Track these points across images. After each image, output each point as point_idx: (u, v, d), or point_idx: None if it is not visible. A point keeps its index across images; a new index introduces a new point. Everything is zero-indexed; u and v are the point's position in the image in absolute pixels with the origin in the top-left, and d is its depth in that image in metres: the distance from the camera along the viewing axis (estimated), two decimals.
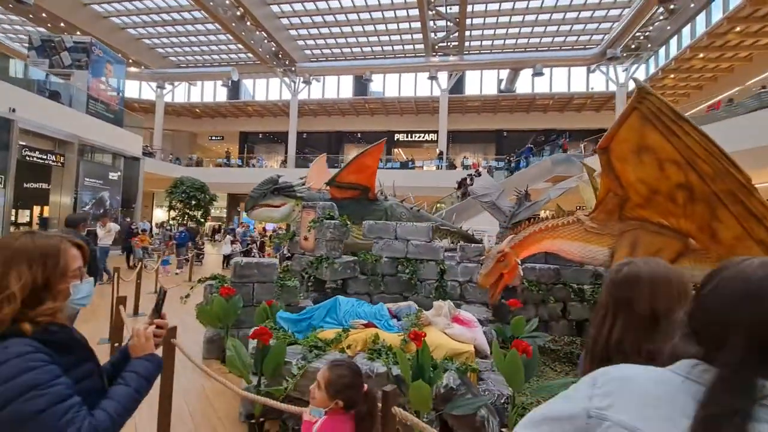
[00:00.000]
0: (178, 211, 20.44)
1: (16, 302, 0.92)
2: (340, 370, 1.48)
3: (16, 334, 0.91)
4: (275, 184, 6.35)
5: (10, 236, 1.03)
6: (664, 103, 3.59)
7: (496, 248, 4.72)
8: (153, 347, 1.14)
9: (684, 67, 19.71)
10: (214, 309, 3.94)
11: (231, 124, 29.34)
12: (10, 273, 0.95)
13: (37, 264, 0.98)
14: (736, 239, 3.56)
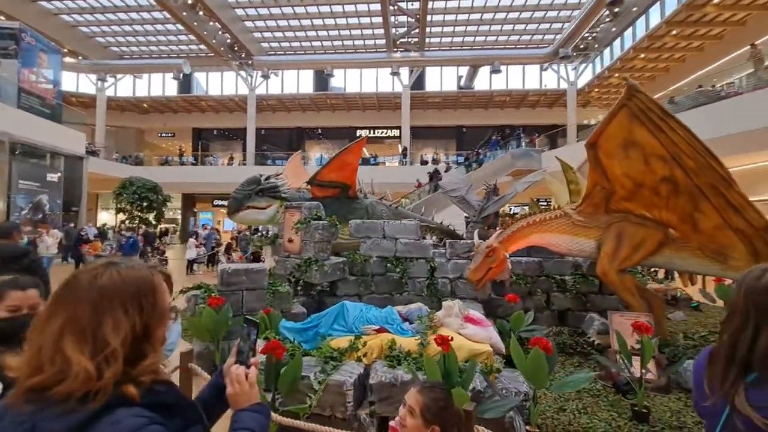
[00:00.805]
0: (127, 214, 19.03)
1: (118, 361, 0.73)
2: (434, 393, 1.36)
3: (123, 402, 0.71)
4: (259, 185, 6.02)
5: (87, 272, 0.80)
6: (652, 100, 3.76)
7: (485, 243, 4.76)
8: (258, 395, 0.96)
9: (627, 66, 21.12)
10: (204, 321, 3.64)
11: (183, 119, 27.68)
12: (105, 323, 0.74)
13: (133, 307, 0.78)
14: (716, 228, 3.82)
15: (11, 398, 0.72)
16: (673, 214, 4.06)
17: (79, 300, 0.76)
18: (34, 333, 0.76)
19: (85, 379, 0.69)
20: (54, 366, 0.71)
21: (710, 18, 16.46)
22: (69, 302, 0.76)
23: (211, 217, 26.42)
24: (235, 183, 24.87)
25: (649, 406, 3.04)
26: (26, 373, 0.72)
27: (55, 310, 0.76)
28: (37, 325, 0.76)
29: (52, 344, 0.72)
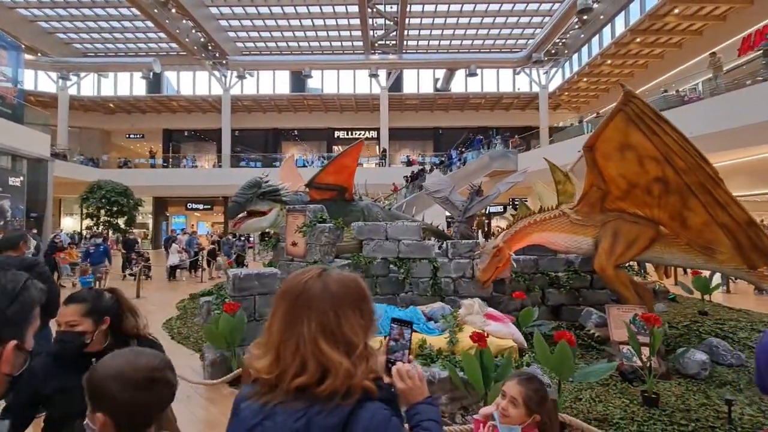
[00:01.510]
0: (94, 220, 18.10)
1: (367, 360, 0.79)
2: (534, 383, 1.45)
3: (369, 397, 0.77)
4: (260, 188, 5.92)
5: (310, 278, 0.83)
6: (647, 105, 4.03)
7: (491, 243, 4.92)
8: (427, 389, 1.01)
9: (595, 72, 22.14)
10: (221, 328, 3.58)
11: (152, 120, 26.62)
12: (345, 326, 0.80)
13: (361, 310, 0.84)
14: (704, 224, 4.13)
15: (277, 396, 0.76)
16: (664, 212, 4.36)
17: (321, 306, 0.80)
18: (271, 338, 0.80)
19: (346, 377, 0.75)
20: (314, 366, 0.76)
21: (670, 27, 17.54)
22: (311, 308, 0.80)
23: (184, 221, 25.55)
24: (209, 186, 24.45)
25: (657, 392, 3.26)
26: (271, 372, 0.77)
27: (297, 315, 0.80)
28: (275, 331, 0.80)
29: (310, 347, 0.77)
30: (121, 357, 0.91)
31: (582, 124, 21.67)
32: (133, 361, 0.89)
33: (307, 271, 0.88)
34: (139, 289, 8.45)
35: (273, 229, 6.34)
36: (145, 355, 0.93)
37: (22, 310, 0.73)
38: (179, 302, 7.65)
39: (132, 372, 0.86)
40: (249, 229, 6.33)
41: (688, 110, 11.88)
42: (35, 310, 0.78)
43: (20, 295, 0.73)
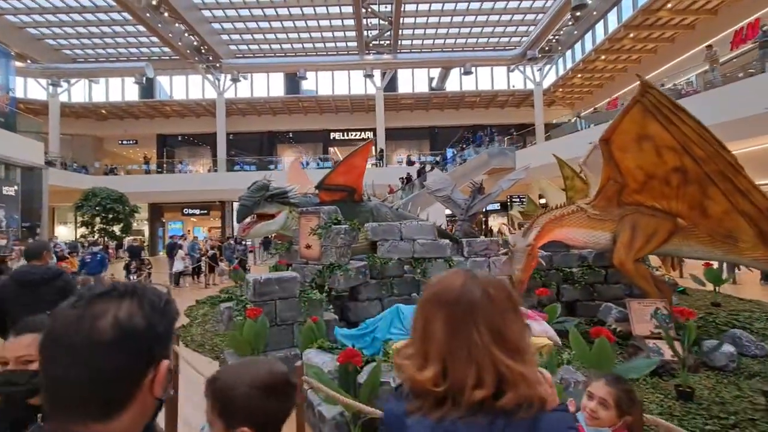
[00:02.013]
0: (89, 228, 17.83)
1: (536, 367, 0.76)
2: (624, 384, 1.40)
3: (543, 408, 0.71)
4: (268, 191, 5.83)
5: (465, 284, 0.79)
6: (664, 95, 4.01)
7: (523, 242, 4.87)
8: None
9: (589, 67, 22.30)
10: (245, 334, 3.50)
11: (145, 126, 26.32)
12: (510, 333, 0.75)
13: (518, 316, 0.79)
14: (725, 213, 4.13)
15: (453, 411, 0.70)
16: (683, 203, 4.35)
17: (487, 311, 0.75)
18: (432, 348, 0.74)
19: (528, 387, 0.70)
20: (492, 377, 0.70)
21: (663, 22, 17.70)
22: (476, 314, 0.75)
23: (181, 227, 25.28)
24: (206, 190, 24.19)
25: (691, 386, 3.24)
26: (438, 384, 0.72)
27: (462, 323, 0.74)
28: (438, 340, 0.74)
29: (485, 356, 0.72)
30: (253, 366, 0.87)
31: (577, 120, 21.86)
32: (269, 369, 0.85)
33: (453, 275, 0.82)
34: None
35: (284, 232, 6.25)
36: (269, 361, 0.90)
37: (170, 326, 0.67)
38: (186, 309, 7.52)
39: (271, 379, 0.82)
40: (258, 233, 6.23)
41: (687, 103, 11.97)
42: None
43: (166, 310, 0.67)
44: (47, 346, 0.59)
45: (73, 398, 0.57)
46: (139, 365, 0.60)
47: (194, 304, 7.95)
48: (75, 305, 0.60)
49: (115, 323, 0.59)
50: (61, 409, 0.58)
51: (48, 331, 0.60)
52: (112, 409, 0.58)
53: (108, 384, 0.57)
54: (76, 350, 0.57)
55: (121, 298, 0.62)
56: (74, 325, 0.58)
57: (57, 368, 0.57)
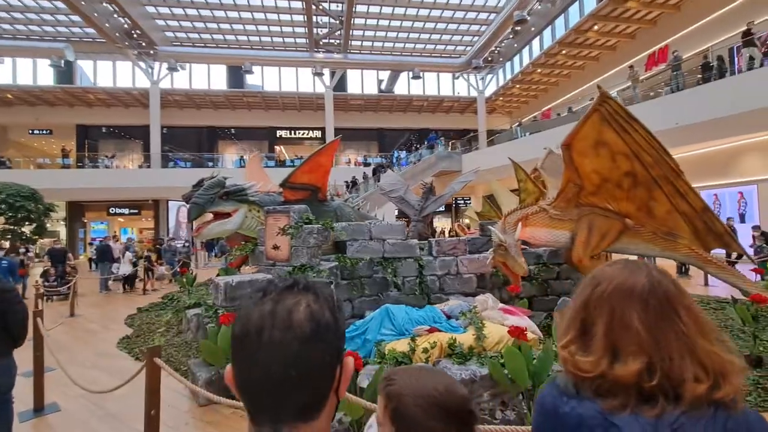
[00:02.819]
0: None
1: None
2: None
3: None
4: (224, 188, 5.44)
5: (651, 275, 0.77)
6: (620, 105, 4.39)
7: (512, 237, 5.02)
8: None
9: (527, 79, 23.91)
10: (221, 343, 3.22)
11: (63, 114, 23.43)
12: (705, 321, 0.74)
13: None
14: (667, 213, 4.62)
15: (669, 407, 0.67)
16: (632, 203, 4.80)
17: (683, 302, 0.74)
18: (632, 341, 0.70)
19: (738, 376, 0.69)
20: (706, 369, 0.68)
21: (590, 42, 19.53)
22: (674, 306, 0.73)
23: (106, 228, 22.84)
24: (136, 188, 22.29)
25: None
26: (642, 379, 0.69)
27: (663, 315, 0.73)
28: (637, 334, 0.70)
29: (699, 348, 0.70)
30: (431, 376, 0.81)
31: (514, 128, 23.37)
32: (446, 386, 0.79)
33: (628, 267, 0.80)
34: (74, 306, 7.36)
35: (242, 231, 5.88)
36: (449, 378, 0.82)
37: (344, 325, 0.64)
38: (127, 318, 6.80)
39: (444, 398, 0.76)
40: (212, 233, 5.80)
41: None
42: None
43: (341, 307, 0.63)
44: (245, 343, 0.55)
45: (279, 397, 0.53)
46: (333, 361, 0.57)
47: (135, 313, 7.21)
48: (264, 300, 0.57)
49: (310, 317, 0.56)
50: (268, 409, 0.54)
51: (242, 327, 0.56)
52: (315, 409, 0.56)
53: (312, 381, 0.55)
54: (277, 345, 0.53)
55: (306, 291, 0.59)
56: (271, 319, 0.55)
57: (259, 366, 0.54)
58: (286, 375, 0.53)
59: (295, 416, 0.54)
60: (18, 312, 2.53)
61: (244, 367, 0.55)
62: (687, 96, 11.36)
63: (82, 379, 3.20)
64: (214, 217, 5.52)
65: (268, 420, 0.54)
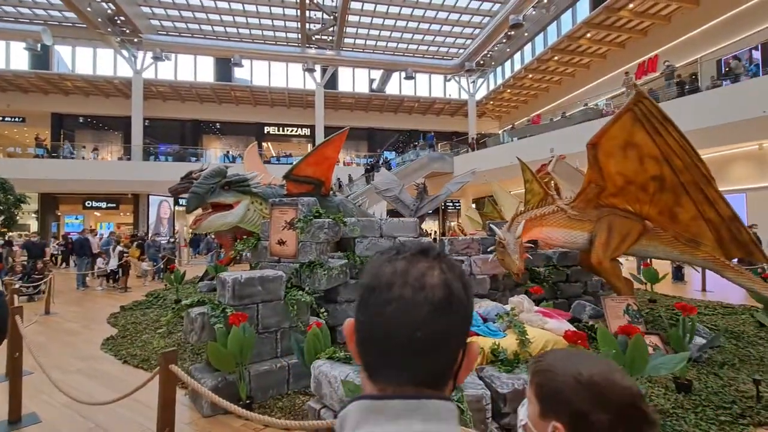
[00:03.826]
0: None
1: None
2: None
3: None
4: (225, 177, 5.04)
5: None
6: (656, 106, 4.23)
7: (512, 236, 4.80)
8: None
9: (518, 84, 24.09)
10: (231, 345, 2.87)
11: (37, 101, 22.21)
12: None
13: None
14: (692, 219, 4.49)
15: None
16: (654, 207, 4.66)
17: None
18: None
19: None
20: None
21: (582, 49, 19.78)
22: None
23: (81, 222, 21.72)
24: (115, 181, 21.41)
25: (690, 379, 3.39)
26: None
27: None
28: None
29: None
30: (587, 359, 0.74)
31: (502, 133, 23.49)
32: (608, 372, 0.70)
33: None
34: (49, 303, 6.76)
35: (245, 225, 5.49)
36: (610, 365, 0.72)
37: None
38: (110, 317, 6.28)
39: (604, 384, 0.67)
40: (212, 226, 5.38)
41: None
42: None
43: (471, 286, 0.58)
44: (373, 296, 0.52)
45: (402, 356, 0.50)
46: (459, 338, 0.53)
47: (118, 312, 6.69)
48: (396, 257, 0.54)
49: (443, 285, 0.52)
50: (390, 368, 0.51)
51: (372, 279, 0.54)
52: (436, 381, 0.52)
53: (436, 350, 0.51)
54: (406, 304, 0.50)
55: (440, 259, 0.55)
56: (403, 277, 0.52)
57: (385, 321, 0.50)
58: (412, 336, 0.49)
59: (417, 382, 0.51)
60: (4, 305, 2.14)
61: (369, 321, 0.52)
62: (677, 104, 11.50)
63: (63, 385, 2.79)
64: (212, 208, 5.11)
65: (392, 379, 0.51)
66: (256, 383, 3.21)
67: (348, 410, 0.50)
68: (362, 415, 0.49)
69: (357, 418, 0.49)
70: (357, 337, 0.53)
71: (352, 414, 0.50)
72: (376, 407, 0.49)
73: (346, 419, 0.50)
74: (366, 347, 0.53)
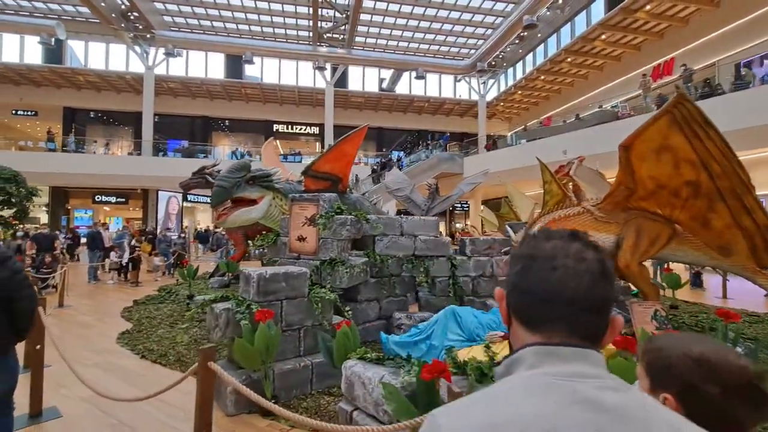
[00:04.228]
0: None
1: None
2: None
3: None
4: (249, 171, 4.97)
5: None
6: (697, 109, 4.04)
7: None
8: None
9: (529, 85, 23.87)
10: (258, 343, 2.78)
11: (50, 96, 22.36)
12: None
13: None
14: (726, 227, 4.33)
15: None
16: (686, 213, 4.49)
17: None
18: None
19: None
20: None
21: (597, 51, 19.57)
22: None
23: (91, 216, 21.83)
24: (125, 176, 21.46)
25: None
26: None
27: None
28: None
29: None
30: (696, 338, 0.80)
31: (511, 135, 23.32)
32: (717, 349, 0.76)
33: None
34: (63, 296, 6.73)
35: (265, 222, 5.40)
36: (719, 344, 0.80)
37: None
38: (124, 311, 6.23)
39: (716, 360, 0.73)
40: (238, 221, 5.30)
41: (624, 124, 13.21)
42: None
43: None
44: (536, 266, 0.61)
45: (569, 314, 0.58)
46: (609, 307, 0.61)
47: (131, 305, 6.64)
48: (551, 238, 0.63)
49: (598, 259, 0.61)
50: (558, 321, 0.59)
51: (532, 251, 0.62)
52: (595, 338, 0.60)
53: (596, 312, 0.59)
54: (571, 271, 0.59)
55: (587, 242, 0.63)
56: (564, 251, 0.60)
57: (552, 284, 0.59)
58: (576, 295, 0.58)
59: (580, 335, 0.58)
60: (27, 299, 2.06)
61: (535, 283, 0.60)
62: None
63: (80, 377, 2.72)
64: (233, 203, 5.03)
65: (558, 330, 0.58)
66: (280, 382, 3.12)
67: (520, 355, 0.59)
68: (538, 357, 0.57)
69: (532, 360, 0.57)
70: (515, 297, 0.63)
71: (527, 357, 0.58)
72: (551, 351, 0.57)
73: (518, 361, 0.59)
74: (529, 305, 0.61)
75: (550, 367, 0.55)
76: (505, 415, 0.51)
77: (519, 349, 0.59)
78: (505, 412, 0.51)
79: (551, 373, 0.55)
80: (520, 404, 0.52)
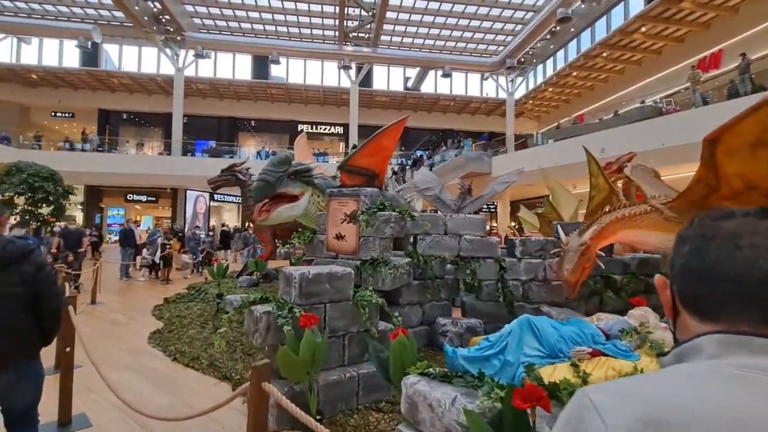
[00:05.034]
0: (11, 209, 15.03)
1: None
2: None
3: None
4: (290, 165, 4.71)
5: None
6: None
7: (577, 241, 4.25)
8: None
9: (561, 82, 23.01)
10: (304, 351, 2.47)
11: (86, 98, 23.10)
12: None
13: None
14: None
15: None
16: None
17: None
18: None
19: None
20: None
21: (635, 45, 18.61)
22: None
23: (123, 214, 22.39)
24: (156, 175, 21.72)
25: None
26: None
27: None
28: None
29: None
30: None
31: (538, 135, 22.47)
32: None
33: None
34: (96, 293, 6.69)
35: (303, 220, 5.14)
36: None
37: None
38: (155, 309, 6.11)
39: None
40: (281, 217, 5.05)
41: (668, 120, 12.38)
42: None
43: None
44: (713, 243, 0.55)
45: (762, 296, 0.51)
46: None
47: (162, 303, 6.53)
48: (733, 216, 0.58)
49: None
50: (744, 306, 0.52)
51: (708, 231, 0.57)
52: None
53: None
54: (760, 250, 0.52)
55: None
56: (753, 227, 0.55)
57: (739, 263, 0.52)
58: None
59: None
60: (53, 297, 1.82)
61: (712, 265, 0.54)
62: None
63: (113, 383, 2.48)
64: (271, 200, 4.78)
65: (742, 317, 0.51)
66: (324, 395, 2.81)
67: (697, 343, 0.52)
68: (722, 347, 0.50)
69: (714, 349, 0.50)
70: (685, 282, 0.56)
71: (706, 345, 0.51)
72: (739, 342, 0.50)
73: (694, 350, 0.52)
74: (705, 290, 0.54)
75: (736, 358, 0.47)
76: (679, 399, 0.43)
77: (692, 338, 0.52)
78: (678, 395, 0.44)
79: (737, 364, 0.46)
80: (698, 392, 0.44)
